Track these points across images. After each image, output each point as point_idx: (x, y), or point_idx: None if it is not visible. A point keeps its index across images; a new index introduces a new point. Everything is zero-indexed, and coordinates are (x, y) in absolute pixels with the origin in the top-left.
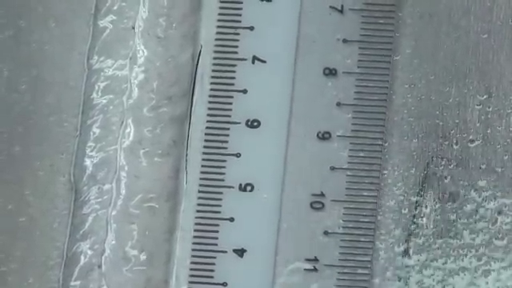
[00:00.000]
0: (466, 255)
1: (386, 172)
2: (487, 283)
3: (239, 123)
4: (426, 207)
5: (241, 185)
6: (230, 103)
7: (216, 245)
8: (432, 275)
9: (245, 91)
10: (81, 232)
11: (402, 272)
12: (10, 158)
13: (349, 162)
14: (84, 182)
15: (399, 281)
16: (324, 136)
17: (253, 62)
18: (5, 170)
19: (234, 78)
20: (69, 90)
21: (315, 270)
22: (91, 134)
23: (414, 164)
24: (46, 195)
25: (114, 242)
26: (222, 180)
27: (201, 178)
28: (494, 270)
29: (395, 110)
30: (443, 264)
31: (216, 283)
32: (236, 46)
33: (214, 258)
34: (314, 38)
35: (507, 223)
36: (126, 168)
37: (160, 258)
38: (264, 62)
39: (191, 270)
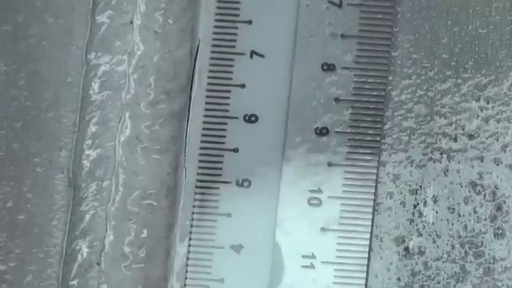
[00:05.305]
0: (466, 253)
1: (384, 168)
2: (487, 282)
3: (237, 118)
4: (426, 204)
5: (238, 180)
6: (228, 98)
7: (213, 240)
8: (433, 274)
9: (243, 86)
10: (80, 229)
11: (403, 271)
12: (8, 154)
13: (347, 158)
14: (82, 178)
15: (399, 280)
16: (322, 132)
17: (251, 57)
18: (3, 166)
19: (231, 72)
20: (67, 85)
21: (312, 266)
22: (89, 130)
23: (414, 160)
24: (45, 192)
25: (112, 239)
26: (220, 175)
27: (198, 174)
28: (494, 269)
29: (393, 106)
30: (443, 263)
31: (213, 279)
32: (234, 41)
33: (211, 253)
34: (312, 32)
35: (507, 220)
36: (125, 164)
37: (159, 254)
38: (262, 56)
39: (188, 266)
